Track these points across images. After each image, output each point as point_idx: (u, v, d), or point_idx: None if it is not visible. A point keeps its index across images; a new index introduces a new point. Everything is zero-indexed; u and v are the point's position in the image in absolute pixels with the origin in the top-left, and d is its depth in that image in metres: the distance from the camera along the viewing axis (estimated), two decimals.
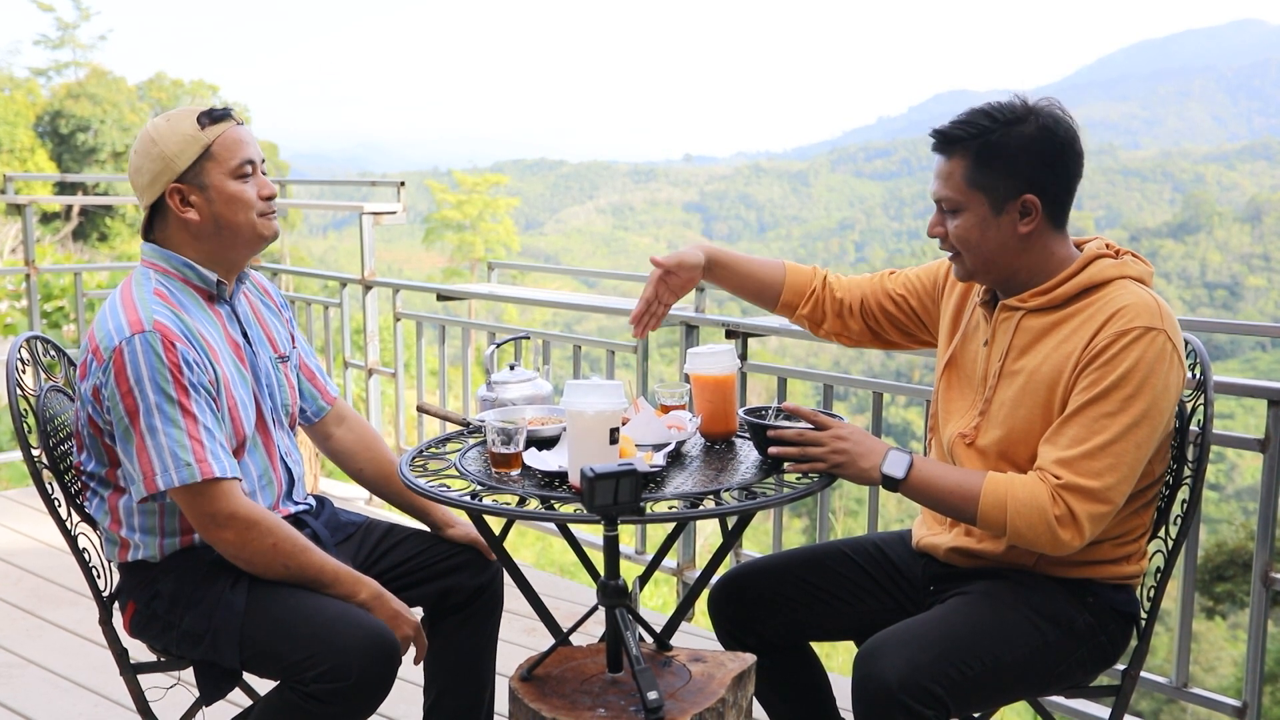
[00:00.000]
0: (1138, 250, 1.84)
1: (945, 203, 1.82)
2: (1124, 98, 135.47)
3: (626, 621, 1.59)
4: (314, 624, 1.81)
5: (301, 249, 37.67)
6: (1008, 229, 1.78)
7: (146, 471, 1.80)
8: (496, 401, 2.23)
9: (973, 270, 1.85)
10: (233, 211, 1.93)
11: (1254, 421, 21.41)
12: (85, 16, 37.40)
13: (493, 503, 1.82)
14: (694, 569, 3.61)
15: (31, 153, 27.02)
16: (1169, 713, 11.18)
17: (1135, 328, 1.69)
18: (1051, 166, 1.77)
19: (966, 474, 1.78)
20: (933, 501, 1.80)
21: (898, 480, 1.78)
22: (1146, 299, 1.73)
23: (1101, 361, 1.70)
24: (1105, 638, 1.83)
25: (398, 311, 4.67)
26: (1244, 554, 10.92)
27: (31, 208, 4.96)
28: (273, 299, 2.18)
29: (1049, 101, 1.80)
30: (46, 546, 4.00)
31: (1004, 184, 1.76)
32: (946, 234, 1.84)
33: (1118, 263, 1.79)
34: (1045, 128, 1.76)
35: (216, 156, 1.91)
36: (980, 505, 1.73)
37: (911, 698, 1.65)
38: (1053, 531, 1.69)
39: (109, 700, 2.86)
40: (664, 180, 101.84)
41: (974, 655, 1.72)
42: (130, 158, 1.95)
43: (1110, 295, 1.75)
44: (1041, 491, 1.70)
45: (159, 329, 1.81)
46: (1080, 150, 1.79)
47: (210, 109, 1.93)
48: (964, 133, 1.77)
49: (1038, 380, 1.78)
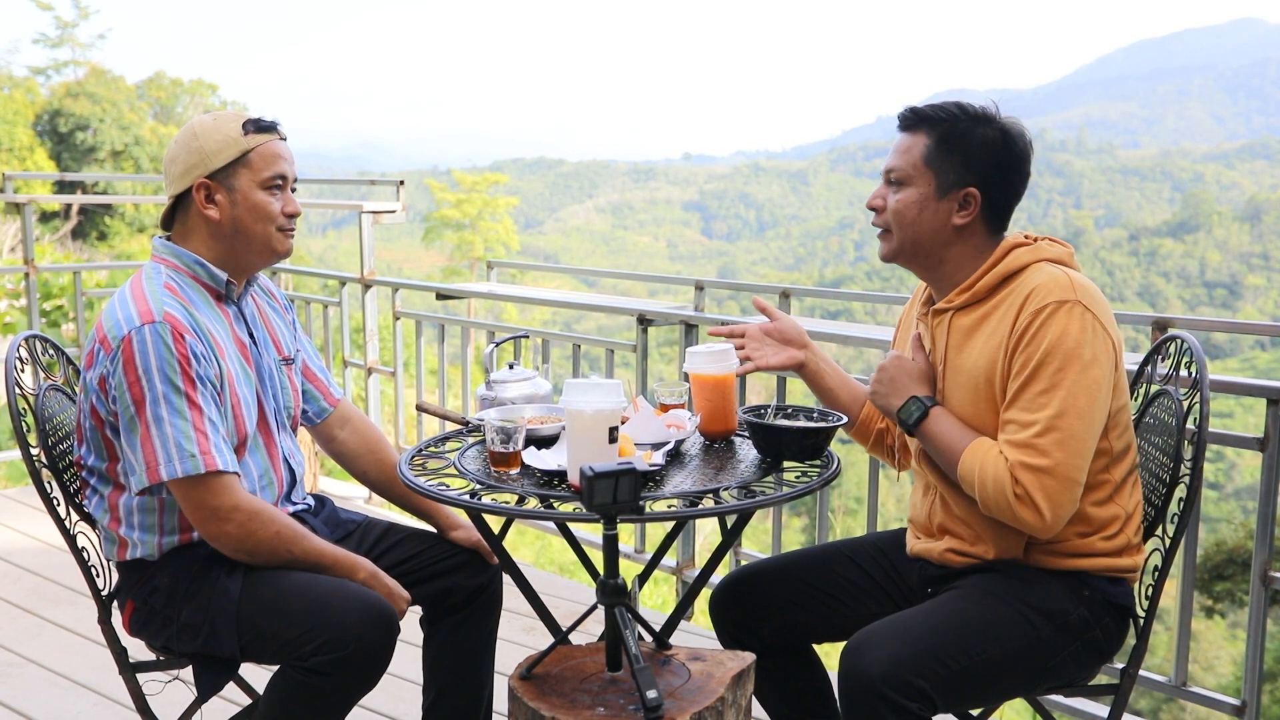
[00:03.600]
0: (1136, 250, 1.85)
1: (895, 173, 1.88)
2: (1123, 97, 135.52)
3: (626, 620, 1.59)
4: (308, 600, 1.82)
5: (301, 248, 37.66)
6: (944, 215, 1.85)
7: (150, 461, 1.81)
8: (496, 400, 2.23)
9: (898, 249, 1.91)
10: (253, 219, 1.95)
11: (1253, 420, 21.42)
12: (84, 15, 37.41)
13: (492, 502, 1.83)
14: (693, 568, 3.62)
15: (30, 151, 27.01)
16: (1168, 711, 11.20)
17: (1049, 303, 1.73)
18: (1002, 171, 1.85)
19: (959, 437, 1.82)
20: (934, 452, 1.86)
21: (909, 426, 1.87)
22: (1058, 275, 1.77)
23: (1024, 343, 1.74)
24: (1099, 631, 1.83)
25: (397, 310, 4.67)
26: (1243, 553, 10.93)
27: (30, 206, 4.95)
28: (278, 301, 2.19)
29: (1015, 119, 1.89)
30: (45, 545, 4.00)
31: (954, 172, 1.84)
32: (885, 207, 1.90)
33: (1032, 248, 1.84)
34: (1007, 135, 1.85)
35: (252, 164, 1.93)
36: (959, 471, 1.80)
37: (894, 691, 1.66)
38: (1013, 510, 1.72)
39: (108, 699, 2.86)
40: (663, 179, 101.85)
41: (960, 649, 1.73)
42: (169, 147, 1.97)
43: (1025, 279, 1.80)
44: (1003, 470, 1.73)
45: (169, 320, 1.82)
46: (1029, 171, 1.89)
47: (258, 118, 1.96)
48: (935, 115, 1.86)
49: (977, 375, 1.83)
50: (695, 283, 3.73)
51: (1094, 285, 1.80)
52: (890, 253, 1.92)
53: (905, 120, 1.89)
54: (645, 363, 3.63)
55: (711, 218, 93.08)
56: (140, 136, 29.16)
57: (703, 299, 3.72)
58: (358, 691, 1.83)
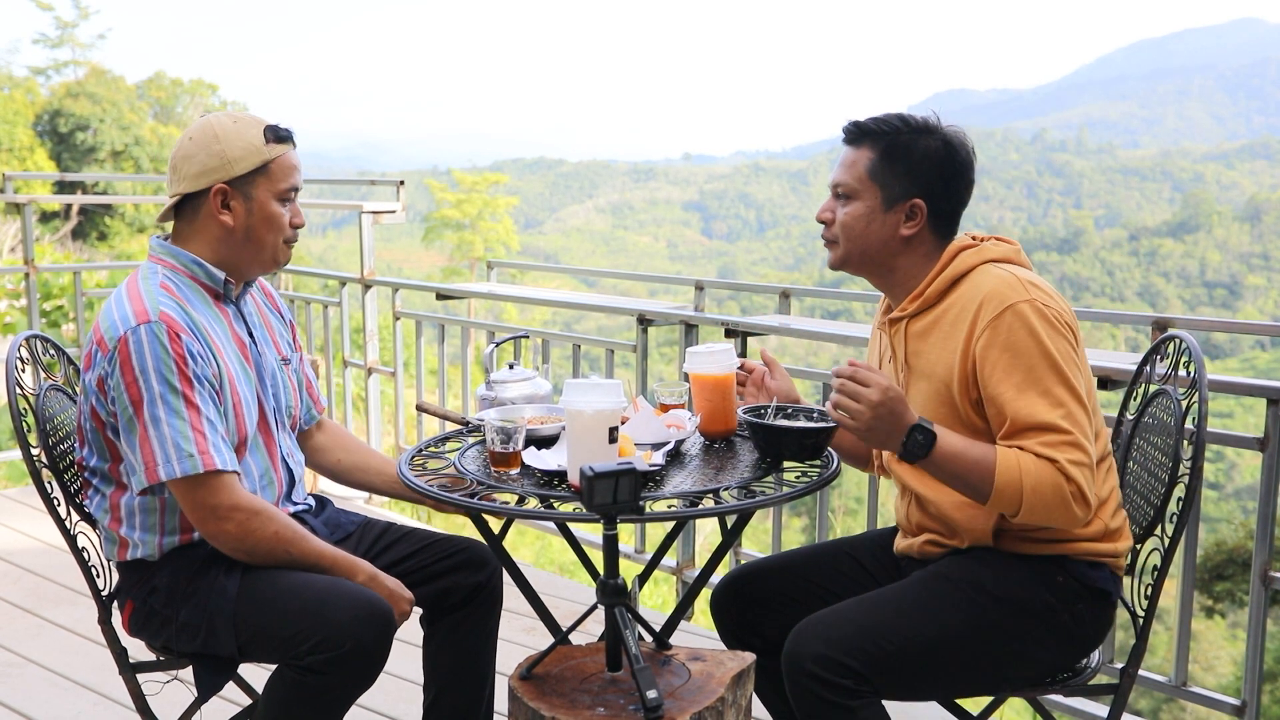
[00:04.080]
0: (1136, 249, 1.85)
1: (841, 187, 1.91)
2: (1123, 97, 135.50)
3: (626, 620, 1.59)
4: (304, 598, 1.82)
5: (301, 248, 37.61)
6: (891, 226, 1.88)
7: (149, 461, 1.81)
8: (496, 400, 2.23)
9: (845, 258, 1.93)
10: (266, 229, 1.96)
11: (1253, 420, 21.42)
12: (84, 15, 37.39)
13: (492, 502, 1.83)
14: (693, 568, 3.62)
15: (31, 151, 27.02)
16: (1168, 711, 11.19)
17: (1003, 309, 1.74)
18: (946, 181, 1.87)
19: (982, 450, 1.74)
20: (949, 477, 1.77)
21: (919, 458, 1.76)
22: (1005, 276, 1.78)
23: (995, 353, 1.74)
24: (1069, 617, 1.81)
25: (397, 310, 4.68)
26: (1243, 553, 10.92)
27: (30, 207, 4.95)
28: (275, 303, 2.19)
29: (956, 127, 1.91)
30: (46, 546, 4.00)
31: (900, 184, 1.86)
32: (834, 220, 1.92)
33: (977, 249, 1.85)
34: (949, 145, 1.87)
35: (271, 174, 1.95)
36: (996, 483, 1.71)
37: (825, 670, 1.70)
38: (1070, 509, 1.70)
39: (108, 699, 2.86)
40: (663, 179, 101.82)
41: (894, 630, 1.75)
42: (181, 143, 1.95)
43: (973, 284, 1.81)
44: (1054, 473, 1.70)
45: (164, 320, 1.82)
46: (972, 178, 1.91)
47: (276, 126, 1.96)
48: (878, 128, 1.88)
49: (936, 380, 1.83)
50: (695, 283, 3.74)
51: (1040, 278, 1.82)
52: (837, 260, 1.95)
53: (849, 134, 1.92)
54: (645, 363, 3.63)
55: (711, 218, 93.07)
56: (140, 137, 29.16)
57: (703, 299, 3.72)
58: (355, 690, 1.83)
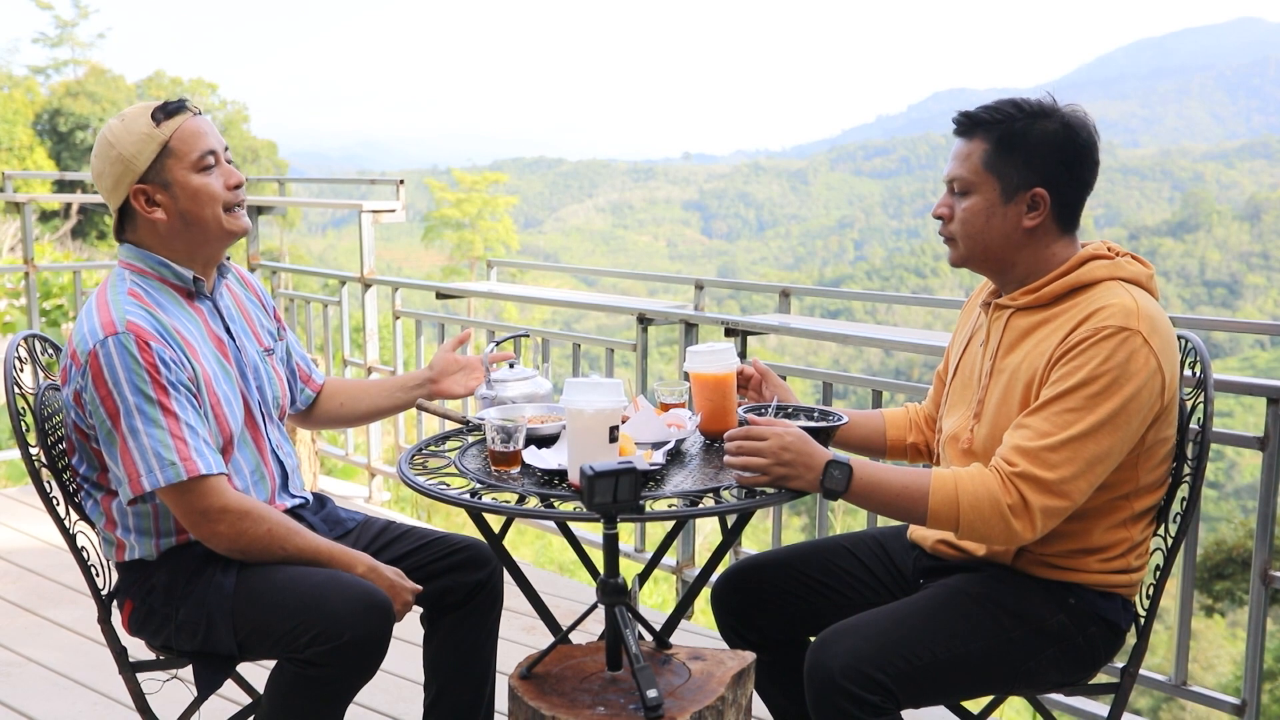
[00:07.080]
0: (1136, 249, 1.83)
1: (957, 183, 1.82)
2: (1123, 96, 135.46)
3: (626, 619, 1.59)
4: (301, 592, 1.81)
5: (300, 247, 37.67)
6: (1013, 219, 1.78)
7: (131, 474, 1.80)
8: (496, 400, 2.23)
9: (967, 256, 1.85)
10: (199, 206, 1.90)
11: (1253, 420, 21.41)
12: (84, 14, 37.41)
13: (492, 501, 1.82)
14: (693, 567, 3.61)
15: (30, 151, 27.01)
16: (1168, 710, 11.18)
17: (1108, 327, 1.66)
18: (1068, 166, 1.77)
19: (910, 474, 1.75)
20: (879, 506, 1.76)
21: (839, 493, 1.75)
22: (1126, 300, 1.70)
23: (1070, 357, 1.69)
24: (1082, 639, 1.80)
25: (397, 310, 4.67)
26: (1243, 552, 10.93)
27: (30, 206, 4.95)
28: (254, 288, 2.15)
29: (1076, 107, 1.80)
30: (46, 545, 4.00)
31: (1019, 174, 1.76)
32: (952, 215, 1.84)
33: (1111, 264, 1.77)
34: (1069, 127, 1.77)
35: (176, 151, 1.88)
36: (930, 503, 1.71)
37: (853, 684, 1.66)
38: (1005, 521, 1.67)
39: (108, 698, 2.86)
40: (663, 178, 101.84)
41: (923, 645, 1.72)
42: (91, 162, 1.91)
43: (1095, 297, 1.73)
44: (992, 480, 1.68)
45: (132, 329, 1.79)
46: (1097, 159, 1.79)
47: (165, 102, 1.90)
48: (990, 117, 1.79)
49: (1018, 378, 1.78)
50: (695, 282, 3.73)
51: (1162, 314, 1.73)
52: (958, 259, 1.86)
53: (960, 125, 1.82)
54: (645, 362, 3.63)
55: (711, 217, 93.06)
56: None
57: (702, 298, 3.72)
58: (356, 681, 1.82)
